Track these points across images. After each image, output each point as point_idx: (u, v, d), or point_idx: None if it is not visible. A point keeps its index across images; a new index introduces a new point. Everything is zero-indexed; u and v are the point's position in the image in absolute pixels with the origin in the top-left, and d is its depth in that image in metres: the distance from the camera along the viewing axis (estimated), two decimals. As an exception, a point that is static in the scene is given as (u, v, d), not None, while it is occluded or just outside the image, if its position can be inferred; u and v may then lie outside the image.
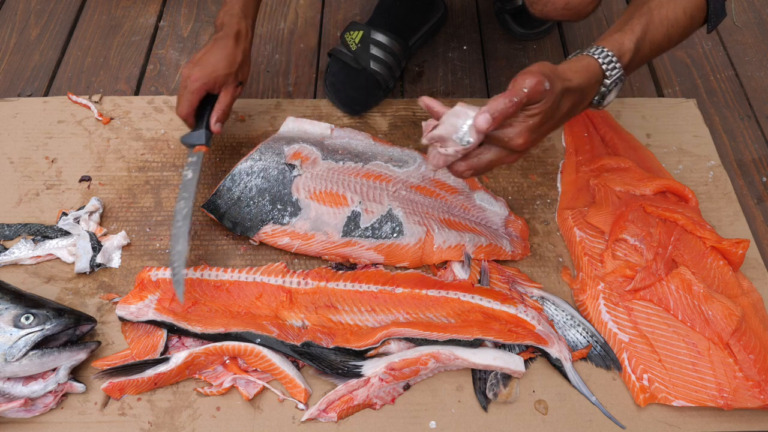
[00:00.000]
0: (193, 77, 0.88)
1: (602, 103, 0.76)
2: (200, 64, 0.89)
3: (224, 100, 0.91)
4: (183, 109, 0.89)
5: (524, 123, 0.66)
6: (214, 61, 0.89)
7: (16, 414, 0.75)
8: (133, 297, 0.83)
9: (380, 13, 1.17)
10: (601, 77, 0.74)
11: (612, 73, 0.74)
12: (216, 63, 0.89)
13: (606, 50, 0.74)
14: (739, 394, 0.77)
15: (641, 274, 0.84)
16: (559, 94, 0.67)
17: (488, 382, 0.79)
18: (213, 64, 0.89)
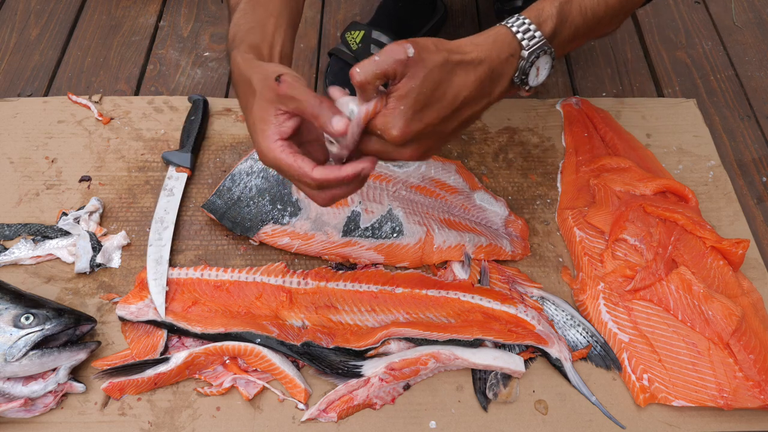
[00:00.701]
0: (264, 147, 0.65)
1: (526, 81, 0.67)
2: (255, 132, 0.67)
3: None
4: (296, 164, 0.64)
5: (395, 108, 0.59)
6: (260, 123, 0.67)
7: (16, 414, 0.75)
8: (133, 297, 0.83)
9: (382, 13, 1.18)
10: (516, 48, 0.65)
11: (530, 43, 0.65)
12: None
13: (522, 17, 0.65)
14: (739, 394, 0.77)
15: (641, 274, 0.84)
16: (436, 68, 0.59)
17: (488, 382, 0.79)
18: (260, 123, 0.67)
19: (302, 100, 0.61)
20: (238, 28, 0.72)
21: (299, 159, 0.62)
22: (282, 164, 0.63)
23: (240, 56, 0.68)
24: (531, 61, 0.66)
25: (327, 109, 0.60)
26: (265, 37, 0.72)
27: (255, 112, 0.64)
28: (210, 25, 1.28)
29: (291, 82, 0.62)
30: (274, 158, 0.63)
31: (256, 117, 0.64)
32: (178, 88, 1.17)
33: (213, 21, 1.29)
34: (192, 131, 1.01)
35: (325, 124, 0.60)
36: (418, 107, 0.59)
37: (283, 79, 0.62)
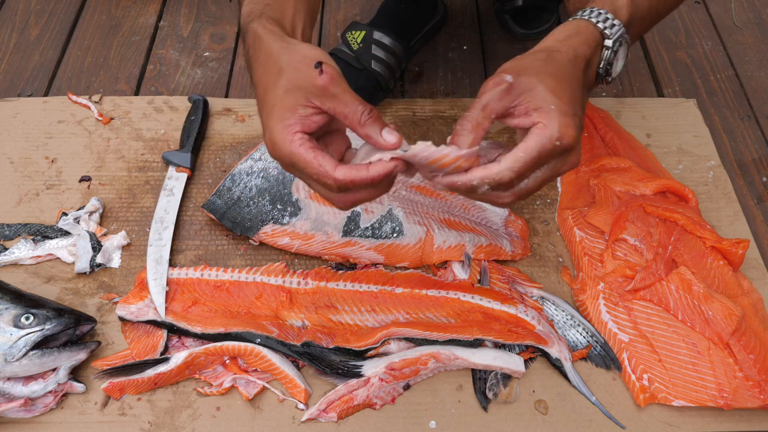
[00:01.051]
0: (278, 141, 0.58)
1: (609, 72, 0.66)
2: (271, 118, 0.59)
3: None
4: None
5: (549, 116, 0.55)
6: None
7: (16, 414, 0.75)
8: (133, 297, 0.83)
9: (383, 13, 1.18)
10: (599, 39, 0.63)
11: (612, 31, 0.63)
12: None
13: (596, 9, 0.64)
14: (739, 394, 0.77)
15: (641, 274, 0.84)
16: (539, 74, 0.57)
17: (488, 382, 0.79)
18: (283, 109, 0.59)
19: (345, 101, 0.55)
20: (253, 5, 0.65)
21: (320, 156, 0.56)
22: (298, 159, 0.56)
23: (263, 27, 0.60)
24: (615, 50, 0.64)
25: (375, 120, 0.56)
26: (285, 15, 0.65)
27: (279, 96, 0.57)
28: (210, 25, 1.28)
29: (334, 76, 0.55)
30: (290, 152, 0.56)
31: (279, 101, 0.57)
32: (178, 88, 1.17)
33: (213, 21, 1.29)
34: (192, 131, 1.02)
35: (374, 136, 0.56)
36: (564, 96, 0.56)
37: (325, 69, 0.55)
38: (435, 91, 1.18)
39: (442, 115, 1.10)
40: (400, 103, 1.12)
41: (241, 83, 1.18)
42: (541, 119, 0.55)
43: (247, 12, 0.65)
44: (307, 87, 0.56)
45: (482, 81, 1.19)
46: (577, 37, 0.62)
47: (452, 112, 1.10)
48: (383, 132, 0.56)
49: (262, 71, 0.59)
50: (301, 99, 0.56)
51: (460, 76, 1.21)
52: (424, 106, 1.12)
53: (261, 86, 0.59)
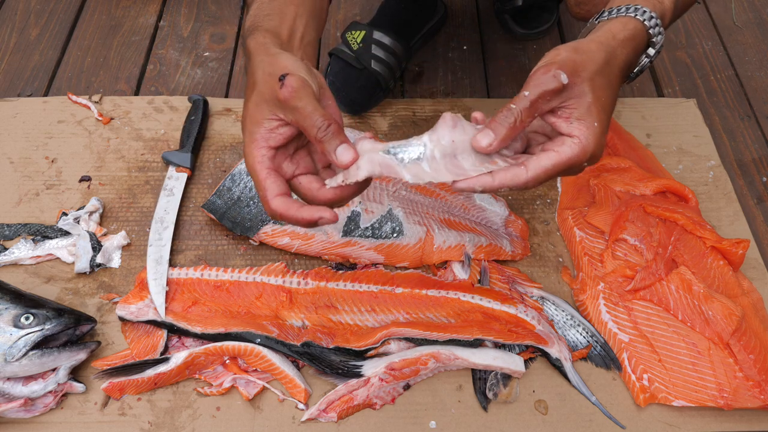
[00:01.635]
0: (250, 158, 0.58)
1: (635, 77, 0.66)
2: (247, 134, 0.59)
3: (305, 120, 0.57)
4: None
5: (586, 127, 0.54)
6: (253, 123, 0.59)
7: (16, 414, 0.75)
8: (133, 297, 0.83)
9: (384, 13, 1.18)
10: (645, 43, 0.62)
11: (657, 40, 0.62)
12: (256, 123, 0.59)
13: (650, 11, 0.61)
14: (739, 394, 0.77)
15: (641, 274, 0.84)
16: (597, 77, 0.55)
17: (488, 382, 0.79)
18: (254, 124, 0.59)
19: (304, 114, 0.54)
20: (255, 17, 0.66)
21: (270, 179, 0.56)
22: (254, 176, 0.57)
23: (254, 41, 0.61)
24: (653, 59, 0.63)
25: (333, 135, 0.54)
26: (284, 21, 0.65)
27: (250, 110, 0.58)
28: (210, 25, 1.28)
29: (295, 87, 0.54)
30: (251, 167, 0.57)
31: (249, 115, 0.58)
32: (178, 88, 1.17)
33: (213, 21, 1.29)
34: (192, 131, 1.02)
35: (329, 152, 0.54)
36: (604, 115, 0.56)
37: (287, 82, 0.54)
38: (435, 91, 1.18)
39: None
40: (400, 103, 1.12)
41: (241, 83, 1.18)
42: (579, 134, 0.55)
43: (248, 26, 0.66)
44: (271, 100, 0.56)
45: (482, 81, 1.21)
46: (632, 42, 0.61)
47: (452, 112, 1.10)
48: (339, 149, 0.54)
49: (247, 87, 0.61)
50: (266, 112, 0.56)
51: (460, 76, 1.21)
52: (424, 106, 1.12)
53: (246, 98, 0.60)
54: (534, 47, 1.26)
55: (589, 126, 0.55)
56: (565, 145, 0.55)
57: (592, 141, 0.54)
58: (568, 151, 0.54)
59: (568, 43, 0.59)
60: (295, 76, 0.55)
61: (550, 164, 0.54)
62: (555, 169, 0.54)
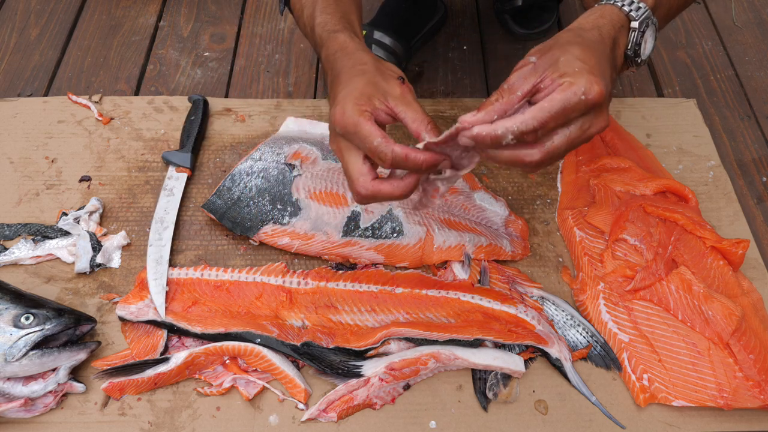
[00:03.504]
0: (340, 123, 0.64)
1: (639, 54, 0.67)
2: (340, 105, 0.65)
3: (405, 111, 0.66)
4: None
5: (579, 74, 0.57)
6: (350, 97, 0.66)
7: (16, 414, 0.75)
8: (133, 297, 0.83)
9: (384, 13, 1.18)
10: (624, 20, 0.65)
11: (638, 14, 0.65)
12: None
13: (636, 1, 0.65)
14: (739, 394, 0.77)
15: (641, 274, 0.84)
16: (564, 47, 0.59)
17: (488, 382, 0.79)
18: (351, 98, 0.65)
19: (416, 110, 0.64)
20: (328, 16, 0.74)
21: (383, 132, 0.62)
22: (363, 129, 0.62)
23: (352, 40, 0.71)
24: (642, 31, 0.65)
25: (435, 132, 0.63)
26: (356, 31, 0.75)
27: (362, 84, 0.64)
28: (210, 25, 1.28)
29: (412, 90, 0.66)
30: (357, 122, 0.62)
31: (360, 88, 0.64)
32: (178, 88, 1.17)
33: (213, 21, 1.29)
34: (192, 131, 1.02)
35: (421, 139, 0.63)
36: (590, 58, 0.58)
37: (406, 82, 0.66)
38: (435, 91, 1.18)
39: (442, 115, 1.10)
40: (400, 103, 1.12)
41: (241, 83, 1.18)
42: (566, 78, 0.57)
43: (323, 21, 0.74)
44: (388, 90, 0.64)
45: (482, 81, 1.21)
46: (602, 19, 0.64)
47: (452, 112, 1.10)
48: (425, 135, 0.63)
49: (351, 65, 0.67)
50: (380, 96, 0.64)
51: (460, 76, 1.21)
52: (424, 105, 1.11)
53: (345, 74, 0.66)
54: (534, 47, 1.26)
55: (573, 72, 0.56)
56: (559, 88, 0.57)
57: (583, 79, 0.56)
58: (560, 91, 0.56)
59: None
60: (409, 84, 0.67)
61: (546, 102, 0.56)
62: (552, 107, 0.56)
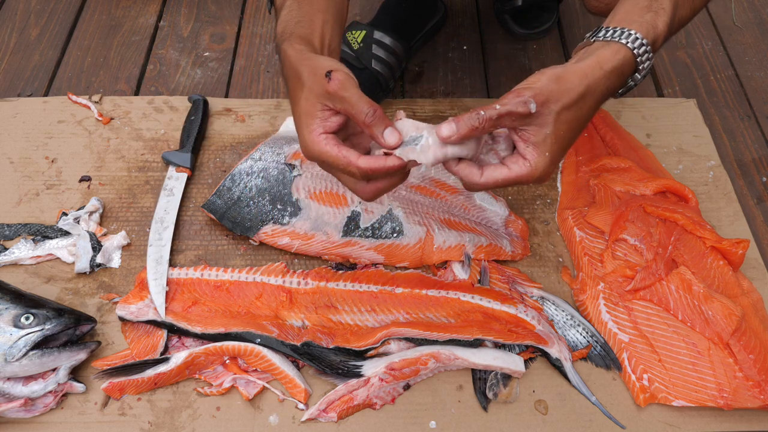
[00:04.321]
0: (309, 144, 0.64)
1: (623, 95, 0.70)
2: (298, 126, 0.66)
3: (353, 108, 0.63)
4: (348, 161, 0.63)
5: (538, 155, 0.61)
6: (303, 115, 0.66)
7: (16, 414, 0.75)
8: (133, 297, 0.83)
9: (384, 13, 1.18)
10: (632, 71, 0.65)
11: (645, 66, 0.65)
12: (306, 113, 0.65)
13: (639, 36, 0.63)
14: (739, 394, 0.77)
15: (641, 274, 0.84)
16: (564, 111, 0.60)
17: (488, 382, 0.79)
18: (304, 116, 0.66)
19: (352, 103, 0.61)
20: (286, 24, 0.72)
21: (343, 149, 0.62)
22: (326, 156, 0.63)
23: (291, 48, 0.68)
24: (637, 83, 0.68)
25: (380, 120, 0.61)
26: (314, 30, 0.72)
27: (302, 105, 0.64)
28: (210, 25, 1.28)
29: (342, 80, 0.61)
30: (319, 151, 0.63)
31: (302, 110, 0.64)
32: (178, 88, 1.17)
33: (213, 21, 1.29)
34: (192, 131, 1.02)
35: (376, 136, 0.61)
36: (558, 146, 0.61)
37: (334, 76, 0.61)
38: (435, 91, 1.18)
39: (442, 115, 1.10)
40: (400, 103, 1.12)
41: (241, 83, 1.18)
42: (531, 159, 0.61)
43: (280, 31, 0.72)
44: (321, 93, 0.63)
45: (482, 81, 1.21)
46: (618, 71, 0.64)
47: (452, 112, 1.10)
48: (385, 132, 0.61)
49: (291, 86, 0.67)
50: (317, 105, 0.63)
51: (460, 76, 1.21)
52: (424, 106, 1.12)
53: (292, 100, 0.67)
54: (534, 47, 1.27)
55: (541, 154, 0.61)
56: (517, 164, 0.62)
57: (540, 167, 0.61)
58: (517, 170, 0.62)
59: (555, 68, 0.62)
60: (339, 71, 0.62)
61: (501, 177, 0.62)
62: (504, 182, 0.62)
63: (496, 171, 0.62)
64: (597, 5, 0.85)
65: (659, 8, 0.66)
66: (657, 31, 0.65)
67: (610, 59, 0.63)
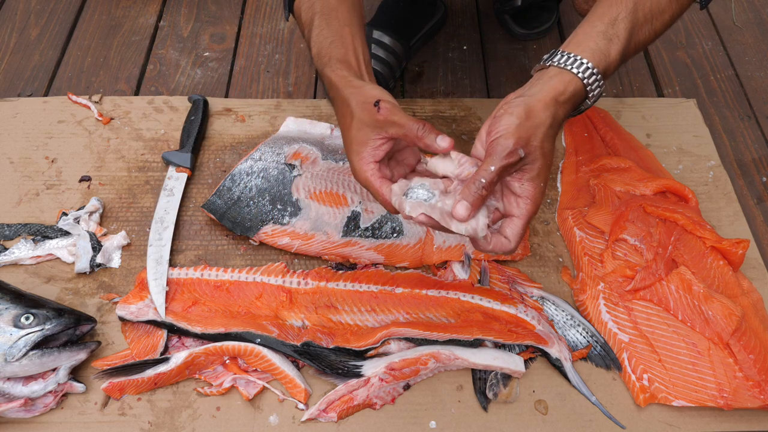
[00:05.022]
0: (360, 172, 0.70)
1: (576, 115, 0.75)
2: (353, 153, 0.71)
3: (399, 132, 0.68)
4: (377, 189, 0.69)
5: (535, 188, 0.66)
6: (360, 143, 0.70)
7: (16, 414, 0.75)
8: (133, 297, 0.83)
9: (383, 13, 1.18)
10: (583, 99, 0.70)
11: (594, 93, 0.70)
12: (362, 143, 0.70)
13: (590, 66, 0.68)
14: (739, 394, 0.77)
15: (641, 274, 0.84)
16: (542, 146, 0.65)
17: (488, 382, 0.79)
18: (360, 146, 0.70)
19: (403, 124, 0.66)
20: (320, 45, 0.76)
21: (384, 186, 0.68)
22: (370, 186, 0.69)
23: (334, 74, 0.73)
24: (585, 109, 0.73)
25: (430, 131, 0.66)
26: (347, 48, 0.76)
27: (353, 134, 0.70)
28: (210, 25, 1.28)
29: (390, 108, 0.67)
30: (365, 179, 0.69)
31: (354, 138, 0.70)
32: (178, 88, 1.17)
33: (213, 21, 1.29)
34: (192, 131, 1.02)
35: (431, 144, 0.66)
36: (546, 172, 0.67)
37: (382, 105, 0.67)
38: (435, 91, 1.18)
39: (442, 115, 1.10)
40: (401, 103, 1.12)
41: (241, 83, 1.18)
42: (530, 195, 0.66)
43: (317, 53, 0.76)
44: (372, 123, 0.68)
45: (482, 81, 1.21)
46: (572, 101, 0.69)
47: (452, 112, 1.10)
48: (437, 139, 0.66)
49: (341, 114, 0.73)
50: (370, 134, 0.69)
51: (460, 76, 1.21)
52: (424, 106, 1.12)
53: (342, 127, 0.72)
54: (534, 47, 1.27)
55: (537, 186, 0.66)
56: (521, 207, 0.66)
57: (540, 197, 0.67)
58: (525, 211, 0.66)
59: (519, 101, 0.66)
60: (386, 100, 0.68)
61: (521, 226, 0.67)
62: (525, 227, 0.67)
63: (513, 226, 0.67)
64: (586, 8, 0.88)
65: (614, 36, 0.70)
66: (609, 59, 0.69)
67: (563, 91, 0.68)
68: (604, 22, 0.70)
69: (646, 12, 0.71)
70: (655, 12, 0.72)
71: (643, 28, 0.72)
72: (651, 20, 0.72)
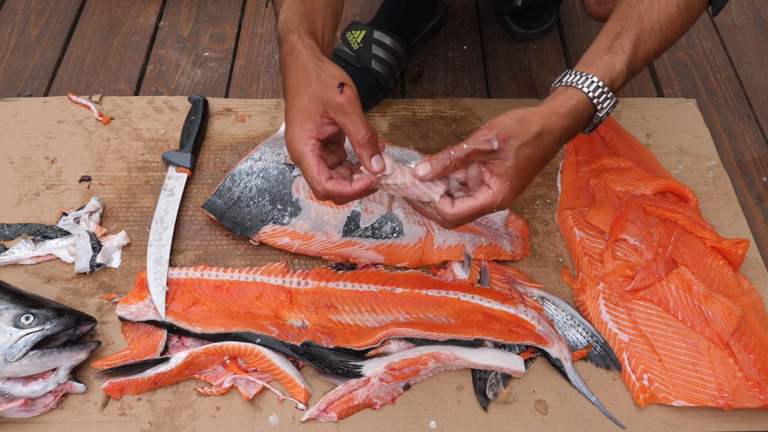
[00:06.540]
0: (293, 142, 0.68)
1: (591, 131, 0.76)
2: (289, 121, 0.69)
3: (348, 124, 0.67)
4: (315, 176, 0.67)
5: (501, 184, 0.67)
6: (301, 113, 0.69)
7: (16, 414, 0.75)
8: (133, 297, 0.83)
9: (384, 13, 1.18)
10: (591, 111, 0.71)
11: (604, 105, 0.70)
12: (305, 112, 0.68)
13: (595, 80, 0.69)
14: (739, 394, 0.77)
15: (641, 274, 0.84)
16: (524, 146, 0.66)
17: (488, 382, 0.79)
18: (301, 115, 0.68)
19: (353, 120, 0.66)
20: (290, 14, 0.74)
21: (320, 165, 0.66)
22: (304, 161, 0.67)
23: (301, 41, 0.70)
24: (602, 120, 0.72)
25: (372, 145, 0.66)
26: (317, 27, 0.74)
27: (305, 104, 0.67)
28: (210, 25, 1.28)
29: (351, 97, 0.66)
30: (301, 152, 0.67)
31: (303, 109, 0.67)
32: (178, 88, 1.17)
33: (213, 21, 1.29)
34: (192, 131, 1.02)
35: (364, 158, 0.66)
36: (518, 178, 0.67)
37: (346, 90, 0.66)
38: (435, 91, 1.18)
39: (442, 115, 1.10)
40: (400, 103, 1.12)
41: (241, 83, 1.18)
42: (494, 188, 0.67)
43: (284, 20, 0.74)
44: (328, 101, 0.66)
45: (482, 81, 1.21)
46: (574, 114, 0.69)
47: (452, 112, 1.10)
48: (372, 159, 0.67)
49: (295, 79, 0.69)
50: (320, 109, 0.67)
51: (460, 76, 1.21)
52: (424, 106, 1.12)
53: (291, 91, 0.70)
54: (534, 47, 1.27)
55: (503, 183, 0.67)
56: (482, 194, 0.68)
57: (503, 194, 0.67)
58: (482, 198, 0.67)
59: (521, 109, 0.68)
60: (350, 87, 0.67)
61: (468, 206, 0.68)
62: (471, 210, 0.68)
63: (464, 202, 0.68)
64: (598, 11, 0.88)
65: (618, 48, 0.71)
66: (614, 72, 0.70)
67: (564, 104, 0.69)
68: (609, 37, 0.72)
69: (654, 22, 0.72)
70: (664, 21, 0.72)
71: (651, 37, 0.72)
72: (660, 30, 0.72)
